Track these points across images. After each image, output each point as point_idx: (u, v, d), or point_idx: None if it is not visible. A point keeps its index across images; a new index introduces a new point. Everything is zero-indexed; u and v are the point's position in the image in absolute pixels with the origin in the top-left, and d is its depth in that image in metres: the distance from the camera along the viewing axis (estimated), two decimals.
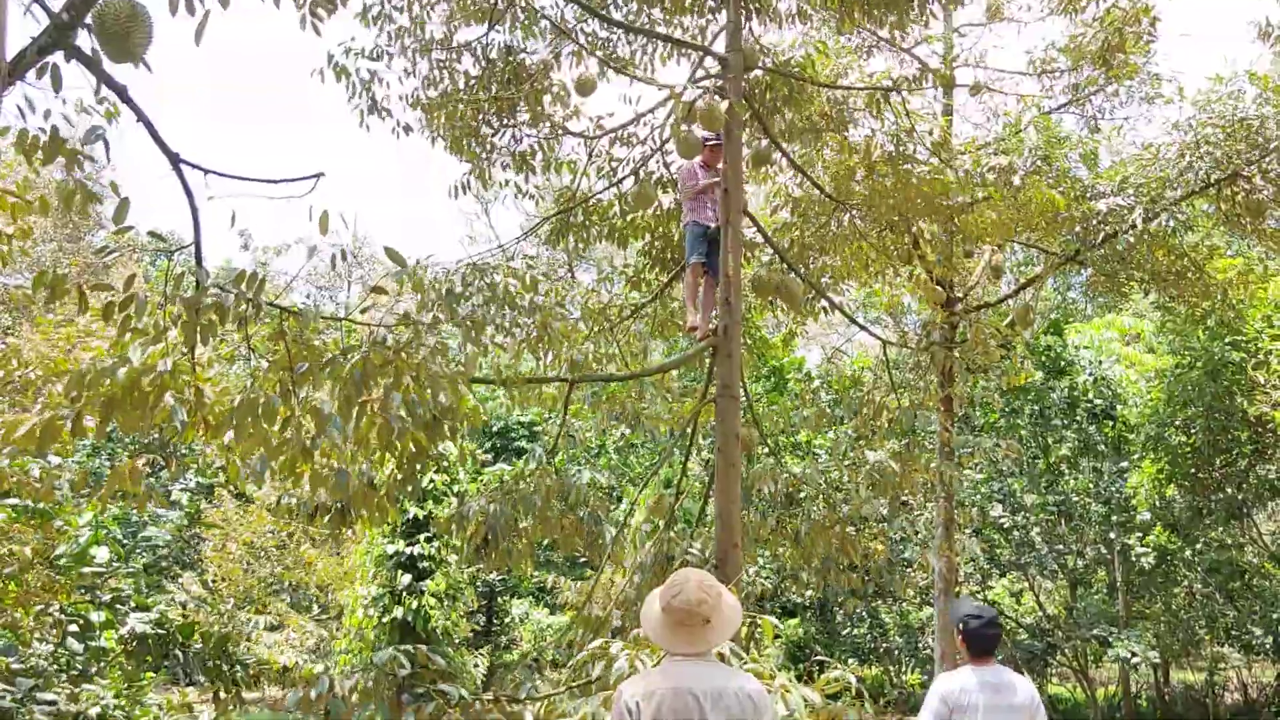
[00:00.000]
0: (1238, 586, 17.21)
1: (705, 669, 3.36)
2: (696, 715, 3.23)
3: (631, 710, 3.26)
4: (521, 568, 8.28)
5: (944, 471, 10.35)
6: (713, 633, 3.41)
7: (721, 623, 3.44)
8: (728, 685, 3.31)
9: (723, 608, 3.47)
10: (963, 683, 5.21)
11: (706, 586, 3.47)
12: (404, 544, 11.56)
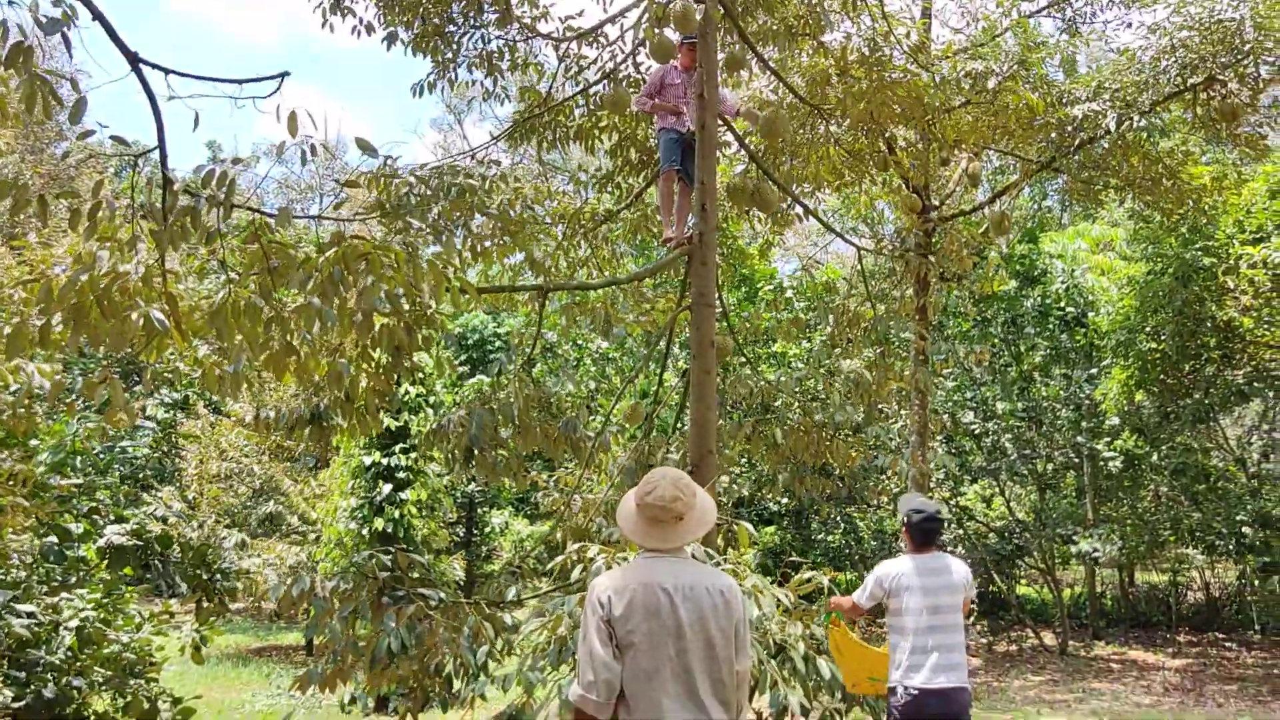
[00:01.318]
0: (1202, 490, 17.58)
1: (677, 565, 3.38)
2: (667, 610, 3.25)
3: (604, 604, 3.28)
4: (508, 479, 8.33)
5: (919, 378, 10.43)
6: (686, 530, 3.43)
7: (695, 521, 3.46)
8: (699, 581, 3.33)
9: (696, 506, 3.49)
10: (901, 568, 5.55)
11: (681, 485, 3.48)
12: (381, 455, 11.59)
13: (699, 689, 3.22)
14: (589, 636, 3.27)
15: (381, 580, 6.36)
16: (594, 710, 3.20)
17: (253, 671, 14.03)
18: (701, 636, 3.25)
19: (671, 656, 3.23)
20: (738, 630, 3.34)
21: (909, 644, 5.36)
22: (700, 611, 3.27)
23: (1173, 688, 13.17)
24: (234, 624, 20.46)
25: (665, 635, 3.23)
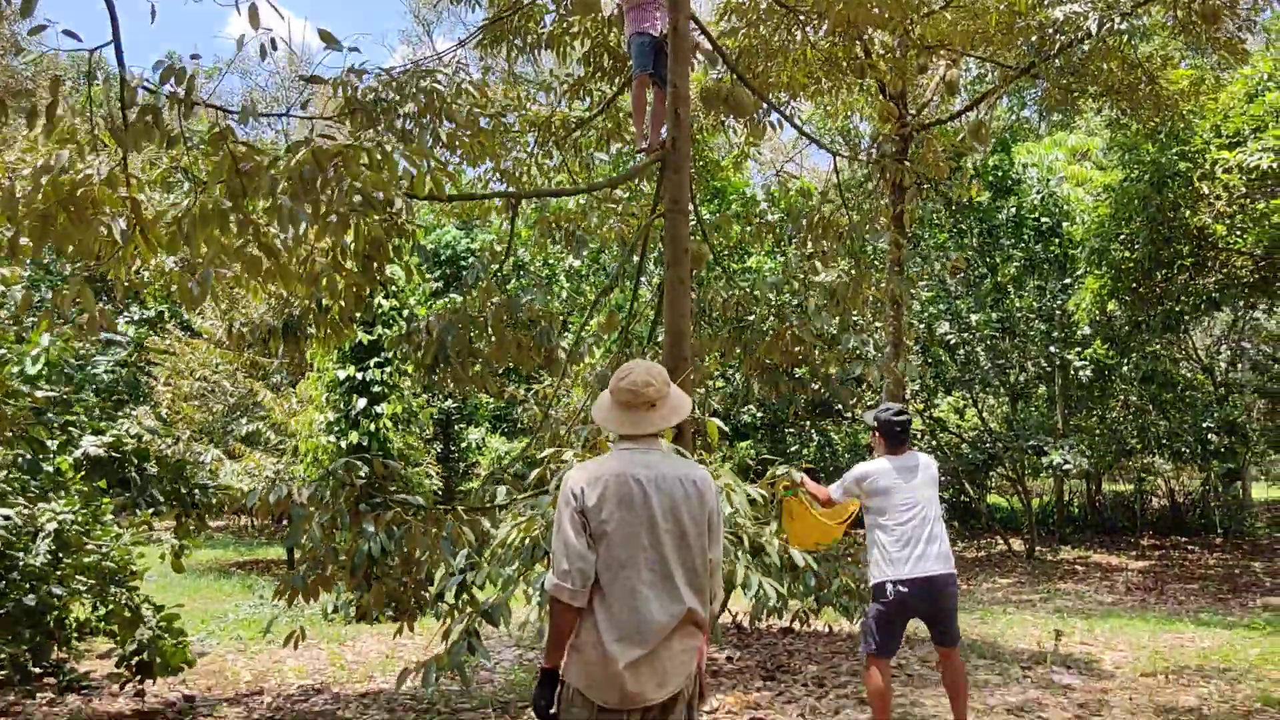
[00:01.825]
0: (1170, 398, 17.86)
1: (651, 456, 3.38)
2: (640, 500, 3.26)
3: (577, 495, 3.28)
4: (478, 389, 8.31)
5: (894, 288, 10.44)
6: (658, 417, 3.43)
7: (668, 408, 3.46)
8: (672, 471, 3.35)
9: (670, 395, 3.49)
10: (880, 468, 5.64)
11: (654, 373, 3.48)
12: (355, 369, 11.55)
13: (673, 578, 3.26)
14: (563, 528, 3.29)
15: (358, 488, 6.37)
16: (568, 599, 3.23)
17: (235, 584, 14.16)
18: (675, 526, 3.27)
19: (645, 546, 3.25)
20: (711, 520, 3.36)
21: (894, 539, 5.43)
22: (673, 501, 3.28)
23: (1135, 587, 13.53)
24: (215, 540, 20.59)
25: (638, 525, 3.25)
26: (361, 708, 6.93)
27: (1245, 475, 20.25)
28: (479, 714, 6.69)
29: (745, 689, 7.24)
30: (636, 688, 3.19)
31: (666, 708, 3.28)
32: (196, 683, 7.59)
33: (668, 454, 3.46)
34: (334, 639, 9.32)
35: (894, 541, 5.44)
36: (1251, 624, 9.86)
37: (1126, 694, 6.96)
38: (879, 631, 5.50)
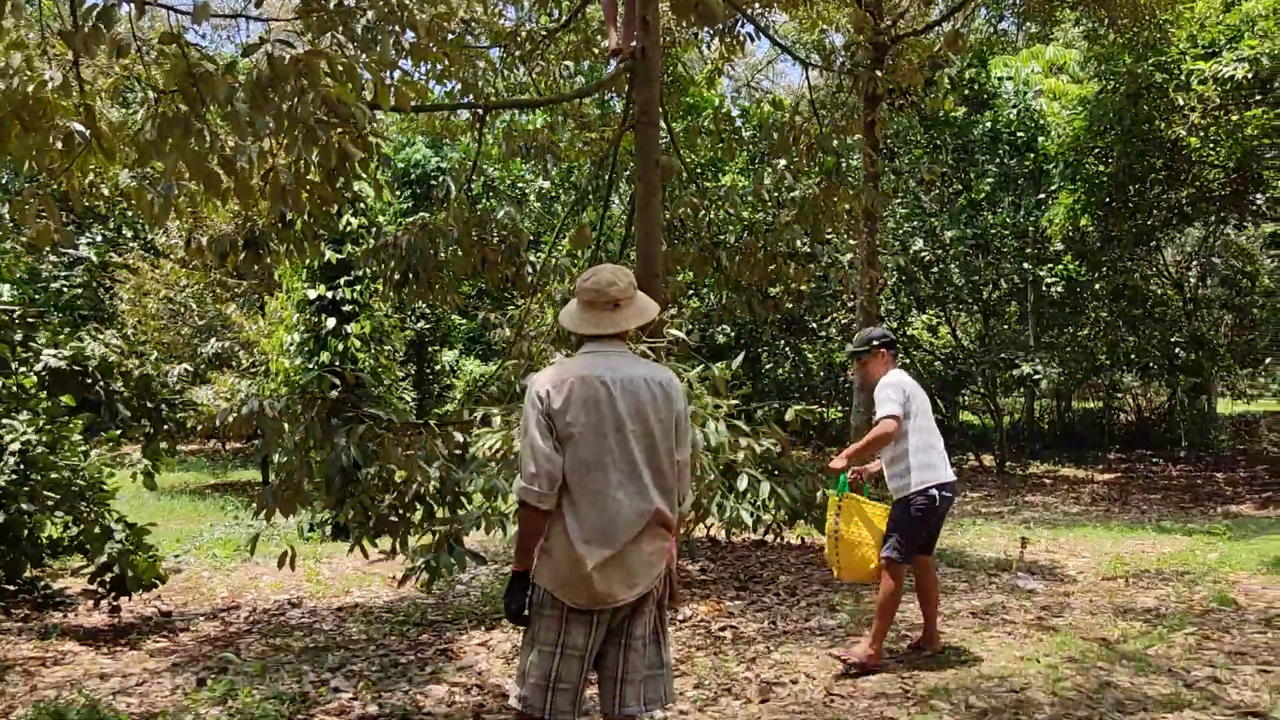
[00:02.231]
0: (1140, 314, 18.02)
1: (617, 359, 3.37)
2: (606, 401, 3.25)
3: (542, 398, 3.26)
4: (445, 302, 8.25)
5: (868, 199, 10.37)
6: (623, 317, 3.40)
7: (633, 310, 3.43)
8: (638, 373, 3.33)
9: (636, 298, 3.46)
10: (905, 377, 5.58)
11: (620, 274, 3.45)
12: (325, 288, 11.42)
13: (641, 478, 3.26)
14: (529, 431, 3.28)
15: (330, 402, 6.35)
16: (536, 501, 3.24)
17: (209, 505, 14.18)
18: (641, 428, 3.27)
19: (612, 448, 3.24)
20: (678, 422, 3.35)
21: (928, 445, 5.47)
22: (639, 403, 3.27)
23: (1100, 498, 13.79)
24: (189, 462, 20.57)
25: (605, 426, 3.24)
26: (338, 621, 7.00)
27: (1211, 390, 20.55)
28: (456, 626, 6.77)
29: (718, 599, 7.36)
30: (605, 588, 3.21)
31: (636, 608, 3.31)
32: (172, 599, 7.63)
33: (634, 356, 3.43)
34: (310, 556, 9.37)
35: (929, 448, 5.47)
36: (1211, 530, 10.08)
37: (1087, 597, 7.13)
38: (912, 540, 5.48)
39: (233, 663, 5.85)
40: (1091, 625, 6.27)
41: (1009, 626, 6.34)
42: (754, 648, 6.04)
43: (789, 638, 6.26)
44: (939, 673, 5.38)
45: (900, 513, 5.48)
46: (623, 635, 3.32)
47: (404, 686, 5.46)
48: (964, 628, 6.32)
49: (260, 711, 4.89)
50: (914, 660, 5.62)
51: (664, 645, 3.38)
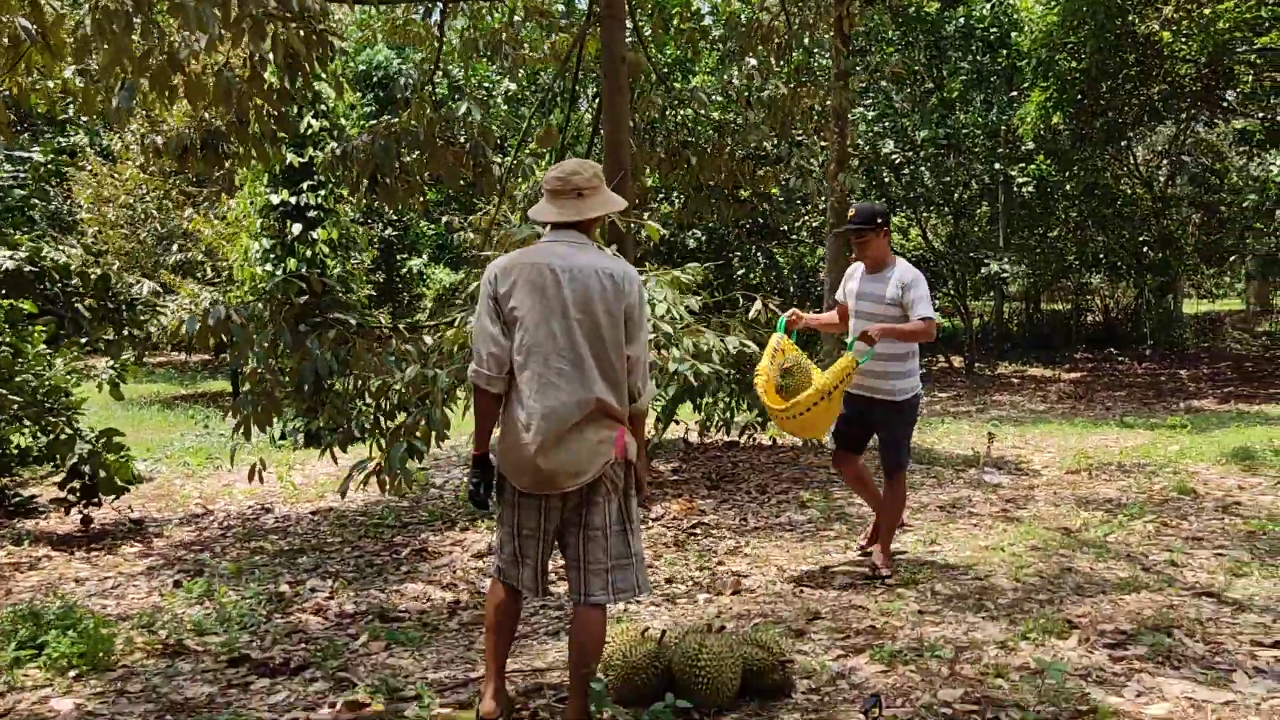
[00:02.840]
0: (1109, 214, 18.06)
1: (573, 249, 3.33)
2: (552, 288, 3.23)
3: (491, 282, 3.28)
4: (411, 207, 8.14)
5: (837, 98, 10.24)
6: (586, 205, 3.36)
7: (598, 200, 3.38)
8: (590, 264, 3.29)
9: (602, 189, 3.42)
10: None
11: (587, 164, 3.41)
12: (289, 194, 11.21)
13: (583, 366, 3.25)
14: (480, 315, 3.32)
15: (297, 307, 6.27)
16: (485, 384, 3.29)
17: (178, 415, 14.13)
18: (587, 317, 3.24)
19: (555, 334, 3.24)
20: (629, 314, 3.30)
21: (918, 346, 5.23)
22: (587, 292, 3.24)
23: (1066, 396, 14.00)
24: (156, 374, 20.43)
25: (549, 313, 3.24)
26: (312, 525, 7.04)
27: (1178, 289, 20.77)
28: (430, 527, 6.83)
29: (691, 497, 7.45)
30: (549, 474, 3.24)
31: (589, 498, 3.32)
32: (145, 506, 7.64)
33: (592, 248, 3.38)
34: (283, 463, 9.38)
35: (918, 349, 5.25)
36: (1173, 424, 10.28)
37: (1051, 489, 7.28)
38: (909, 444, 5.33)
39: (209, 565, 5.89)
40: (1054, 516, 6.42)
41: (975, 519, 6.48)
42: (725, 543, 6.14)
43: (759, 533, 6.37)
44: (906, 562, 5.50)
45: (910, 415, 5.21)
46: (580, 524, 3.34)
47: (380, 585, 5.52)
48: (931, 520, 6.45)
49: (238, 610, 4.93)
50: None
51: (631, 535, 3.40)
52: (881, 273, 5.13)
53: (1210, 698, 3.51)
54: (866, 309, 5.14)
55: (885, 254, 5.16)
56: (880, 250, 5.14)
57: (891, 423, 5.18)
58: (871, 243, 5.12)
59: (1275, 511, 6.19)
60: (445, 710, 3.65)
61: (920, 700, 3.57)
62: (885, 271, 5.11)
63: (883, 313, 5.04)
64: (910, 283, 4.98)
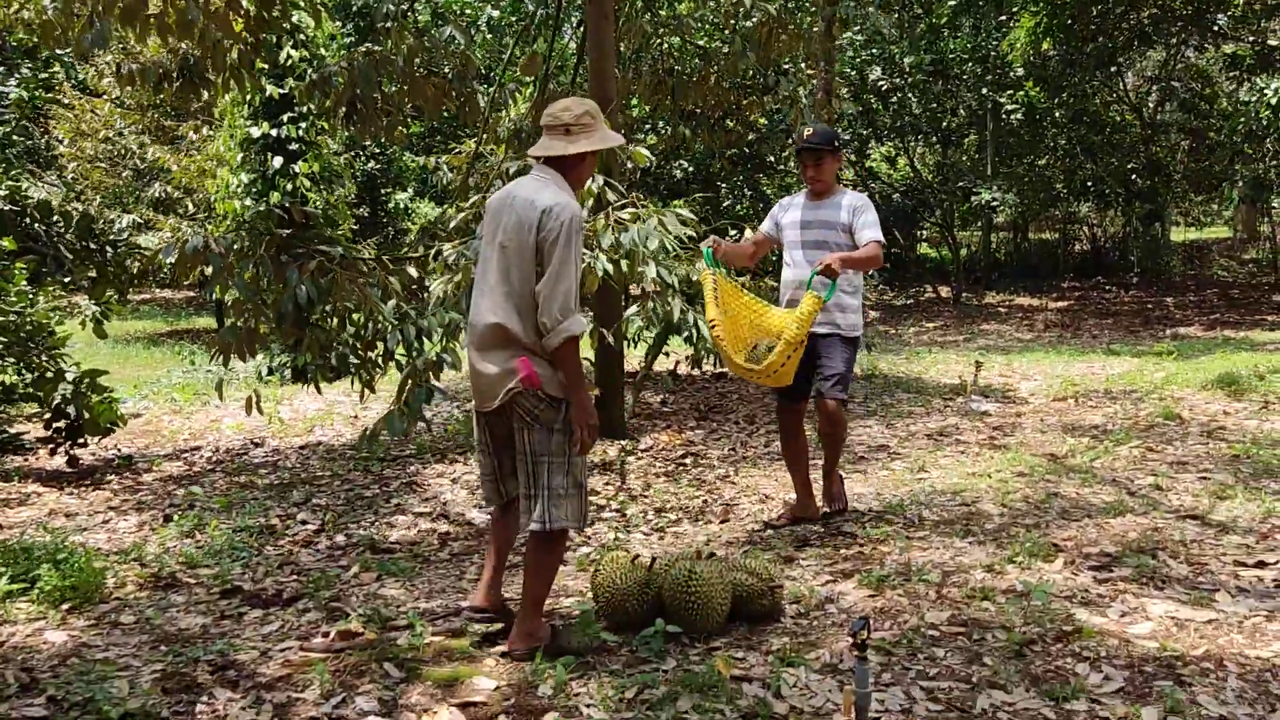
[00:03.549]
0: (1099, 141, 17.94)
1: (535, 181, 3.44)
2: (497, 214, 3.42)
3: (483, 212, 3.53)
4: (392, 138, 7.99)
5: (823, 40, 10.08)
6: (572, 142, 3.41)
7: (585, 137, 3.42)
8: (528, 194, 3.37)
9: (595, 127, 3.46)
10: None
11: (576, 102, 3.48)
12: (269, 126, 11.02)
13: (496, 292, 3.36)
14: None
15: (279, 238, 6.20)
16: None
17: (164, 351, 14.07)
18: (511, 243, 3.33)
19: (486, 258, 3.42)
20: (541, 248, 3.28)
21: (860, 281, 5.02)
22: (517, 222, 3.32)
23: (1053, 325, 14.04)
24: (140, 311, 20.30)
25: (490, 239, 3.41)
26: (301, 459, 7.04)
27: (1165, 217, 20.72)
28: (419, 460, 6.84)
29: (680, 428, 7.48)
30: (477, 389, 3.46)
31: (508, 423, 3.43)
32: (133, 442, 7.63)
33: (548, 183, 3.43)
34: (270, 398, 9.35)
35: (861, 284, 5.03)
36: (1159, 351, 10.33)
37: (1038, 417, 7.32)
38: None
39: (198, 499, 5.89)
40: (1041, 442, 6.46)
41: (962, 446, 6.52)
42: (714, 473, 6.18)
43: (748, 463, 6.40)
44: (894, 490, 5.54)
45: (855, 351, 4.93)
46: (513, 448, 3.45)
47: (370, 518, 5.54)
48: (919, 448, 6.49)
49: (228, 543, 4.95)
50: (873, 479, 5.78)
51: (548, 470, 3.36)
52: (829, 199, 4.89)
53: (1193, 616, 3.57)
54: (815, 238, 4.83)
55: (834, 180, 4.97)
56: (831, 174, 4.94)
57: (839, 356, 4.80)
58: (827, 164, 4.89)
59: (1259, 435, 6.25)
60: (438, 638, 3.68)
61: (907, 623, 3.61)
62: (834, 198, 4.88)
63: (835, 240, 4.77)
64: (860, 206, 4.80)
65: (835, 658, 3.37)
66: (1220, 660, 3.21)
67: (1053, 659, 3.27)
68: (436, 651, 3.56)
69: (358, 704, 3.14)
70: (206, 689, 3.28)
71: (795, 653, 3.40)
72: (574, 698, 3.14)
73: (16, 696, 3.22)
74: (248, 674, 3.41)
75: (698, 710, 2.99)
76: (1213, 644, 3.34)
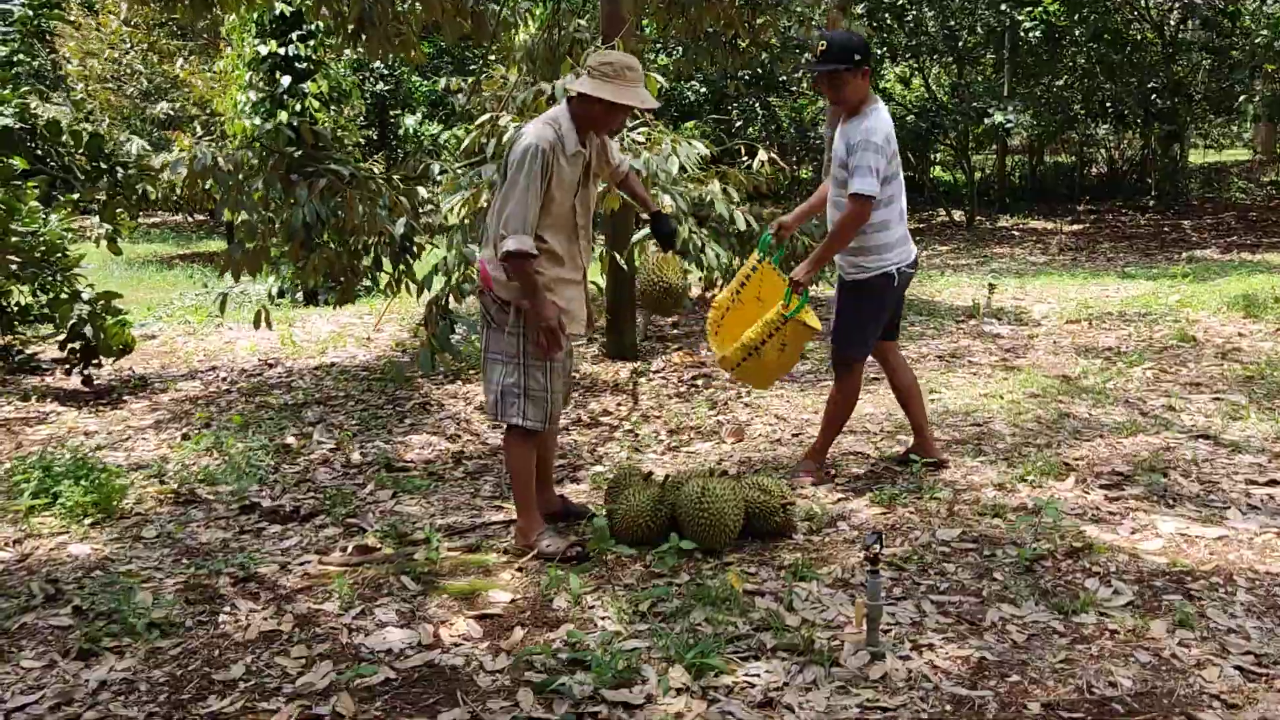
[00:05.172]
0: (1119, 60, 17.56)
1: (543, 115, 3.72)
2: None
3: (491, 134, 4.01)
4: (406, 56, 7.88)
5: None
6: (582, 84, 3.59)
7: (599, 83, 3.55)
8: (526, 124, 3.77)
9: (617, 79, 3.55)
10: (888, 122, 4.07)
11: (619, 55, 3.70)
12: (276, 44, 10.86)
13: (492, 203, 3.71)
14: None
15: (288, 156, 6.16)
16: None
17: (177, 274, 14.07)
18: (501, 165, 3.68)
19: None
20: (505, 171, 3.57)
21: (897, 213, 4.16)
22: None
23: (1067, 248, 13.91)
24: (152, 235, 20.26)
25: None
26: (316, 379, 7.08)
27: (1184, 139, 20.37)
28: (431, 381, 6.87)
29: (692, 350, 7.48)
30: None
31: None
32: (149, 363, 7.67)
33: (549, 116, 3.66)
34: (283, 320, 9.38)
35: (897, 218, 4.17)
36: (1174, 274, 10.24)
37: (1051, 339, 7.30)
38: (874, 331, 4.34)
39: (215, 419, 5.94)
40: (1053, 364, 6.45)
41: (974, 368, 6.51)
42: (727, 393, 6.19)
43: None
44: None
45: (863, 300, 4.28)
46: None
47: (385, 437, 5.59)
48: (931, 370, 6.48)
49: (247, 461, 5.00)
50: (884, 400, 5.79)
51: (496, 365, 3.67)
52: (851, 121, 4.06)
53: (1204, 533, 3.59)
54: (836, 170, 4.15)
55: (860, 98, 4.05)
56: (850, 94, 4.03)
57: (840, 304, 4.33)
58: (848, 84, 4.00)
59: (1274, 357, 6.23)
60: (454, 553, 3.74)
61: (919, 540, 3.65)
62: (853, 121, 4.04)
63: (841, 178, 4.09)
64: (858, 142, 3.94)
65: (847, 573, 3.41)
66: (1230, 575, 3.24)
67: (1063, 574, 3.31)
68: (453, 566, 3.62)
69: (377, 615, 3.20)
70: (229, 600, 3.35)
71: (807, 568, 3.44)
72: (588, 610, 3.20)
73: (43, 607, 3.30)
74: (268, 586, 3.47)
75: (711, 622, 3.05)
76: (1222, 560, 3.37)
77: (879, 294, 4.22)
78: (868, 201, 3.96)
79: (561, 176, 3.55)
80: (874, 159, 3.93)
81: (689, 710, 2.57)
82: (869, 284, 4.19)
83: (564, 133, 3.56)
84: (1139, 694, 2.59)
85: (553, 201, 3.55)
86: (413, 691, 2.74)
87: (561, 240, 3.64)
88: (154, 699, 2.73)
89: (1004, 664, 2.76)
